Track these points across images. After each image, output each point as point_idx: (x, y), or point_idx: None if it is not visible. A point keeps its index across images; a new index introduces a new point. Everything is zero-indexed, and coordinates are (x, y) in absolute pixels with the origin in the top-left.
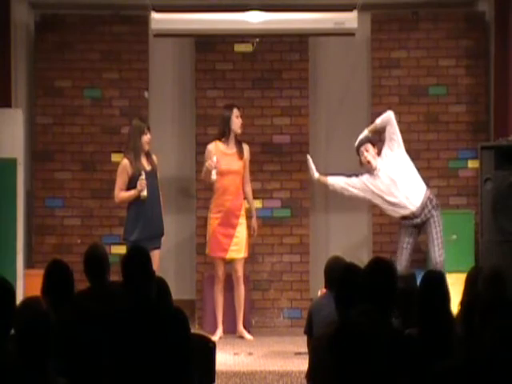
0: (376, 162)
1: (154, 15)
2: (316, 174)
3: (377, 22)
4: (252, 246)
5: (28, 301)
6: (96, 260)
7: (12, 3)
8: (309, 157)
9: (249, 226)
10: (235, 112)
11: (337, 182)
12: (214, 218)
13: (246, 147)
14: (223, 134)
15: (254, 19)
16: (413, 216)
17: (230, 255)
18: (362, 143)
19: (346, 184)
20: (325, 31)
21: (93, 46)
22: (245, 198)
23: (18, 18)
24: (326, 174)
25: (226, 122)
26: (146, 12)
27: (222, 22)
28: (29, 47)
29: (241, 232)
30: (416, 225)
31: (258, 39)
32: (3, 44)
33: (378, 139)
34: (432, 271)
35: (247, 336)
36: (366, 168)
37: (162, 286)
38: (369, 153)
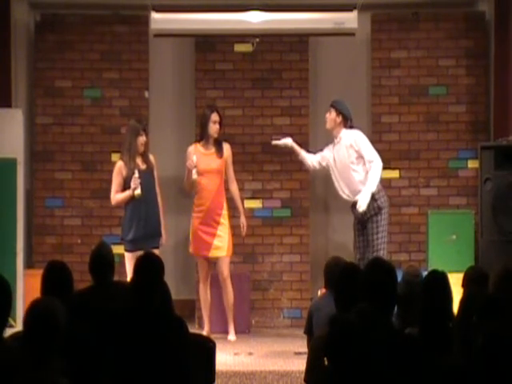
0: (335, 128)
1: (154, 15)
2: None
3: (377, 22)
4: (252, 246)
5: (40, 299)
6: (101, 259)
7: (12, 3)
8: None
9: (234, 226)
10: (213, 117)
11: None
12: (195, 218)
13: (226, 146)
14: (202, 137)
15: (254, 19)
16: (354, 206)
17: (212, 253)
18: (331, 105)
19: (319, 157)
20: (325, 31)
21: (93, 46)
22: (231, 196)
23: (18, 17)
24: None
25: (204, 125)
26: (146, 12)
27: (222, 22)
28: (29, 47)
29: (223, 231)
30: (358, 220)
31: (257, 39)
32: (3, 44)
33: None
34: (435, 271)
35: (230, 337)
36: (331, 132)
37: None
38: (330, 115)
